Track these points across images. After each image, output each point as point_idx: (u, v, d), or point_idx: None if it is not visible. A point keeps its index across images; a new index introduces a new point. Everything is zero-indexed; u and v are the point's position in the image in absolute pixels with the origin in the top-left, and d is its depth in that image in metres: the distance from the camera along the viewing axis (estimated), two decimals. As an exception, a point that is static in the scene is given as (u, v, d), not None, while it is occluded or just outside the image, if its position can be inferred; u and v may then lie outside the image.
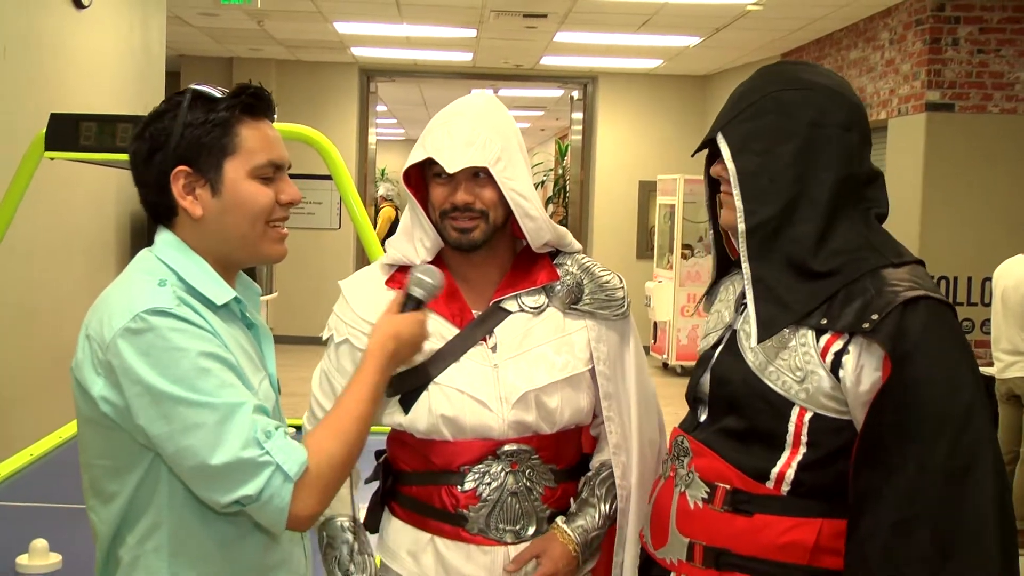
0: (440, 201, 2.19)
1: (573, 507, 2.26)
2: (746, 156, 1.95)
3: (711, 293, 2.23)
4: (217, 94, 1.84)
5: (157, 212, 1.87)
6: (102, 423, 1.74)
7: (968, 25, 8.01)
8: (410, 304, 2.05)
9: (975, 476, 1.76)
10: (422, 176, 2.26)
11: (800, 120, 1.94)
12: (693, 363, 2.19)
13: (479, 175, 2.17)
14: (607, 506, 2.25)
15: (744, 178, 1.95)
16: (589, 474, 2.30)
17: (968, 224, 7.92)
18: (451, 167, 2.13)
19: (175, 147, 1.80)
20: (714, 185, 2.13)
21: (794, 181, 1.93)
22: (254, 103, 1.85)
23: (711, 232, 2.19)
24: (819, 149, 1.93)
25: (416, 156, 2.20)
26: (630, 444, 2.28)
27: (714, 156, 2.07)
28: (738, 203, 1.95)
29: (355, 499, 2.29)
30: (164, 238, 1.86)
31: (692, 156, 2.13)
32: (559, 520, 2.23)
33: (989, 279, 6.78)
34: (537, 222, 2.21)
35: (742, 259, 1.96)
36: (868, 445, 1.81)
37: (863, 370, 1.84)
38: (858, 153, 1.97)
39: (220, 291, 1.82)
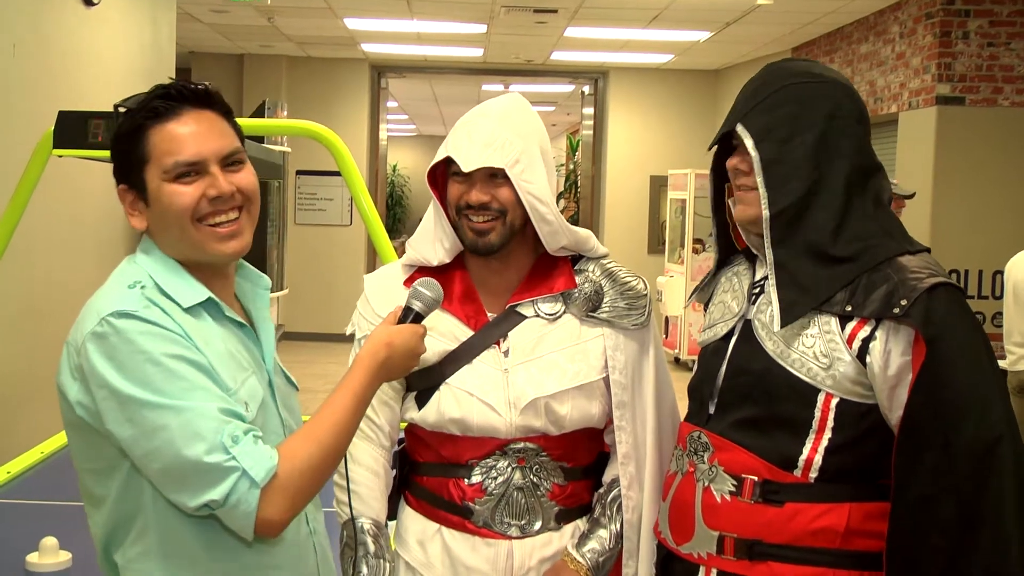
0: (455, 199, 2.20)
1: (585, 527, 2.27)
2: (768, 145, 2.01)
3: (707, 286, 2.26)
4: (132, 103, 1.84)
5: None
6: (81, 427, 1.75)
7: (978, 18, 7.98)
8: (409, 316, 2.03)
9: (997, 453, 1.83)
10: (446, 177, 2.26)
11: (818, 111, 2.01)
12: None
13: (496, 176, 2.17)
14: (618, 525, 2.25)
15: (767, 166, 2.00)
16: (601, 491, 2.30)
17: (979, 217, 7.89)
18: (466, 166, 2.14)
19: (115, 166, 1.84)
20: (719, 180, 2.18)
21: (813, 170, 1.99)
22: (158, 106, 1.80)
23: (714, 224, 2.23)
24: (835, 140, 2.00)
25: (438, 155, 2.22)
26: (641, 454, 2.27)
27: (725, 151, 2.12)
28: (762, 190, 2.00)
29: (385, 500, 2.28)
30: (143, 244, 1.87)
31: (709, 149, 2.15)
32: (568, 545, 2.23)
33: (1000, 272, 6.76)
34: (553, 226, 2.21)
35: (765, 246, 2.00)
36: (905, 427, 1.87)
37: (890, 355, 1.90)
38: (866, 145, 2.05)
39: (189, 292, 1.80)
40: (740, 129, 2.03)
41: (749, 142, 2.01)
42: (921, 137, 8.16)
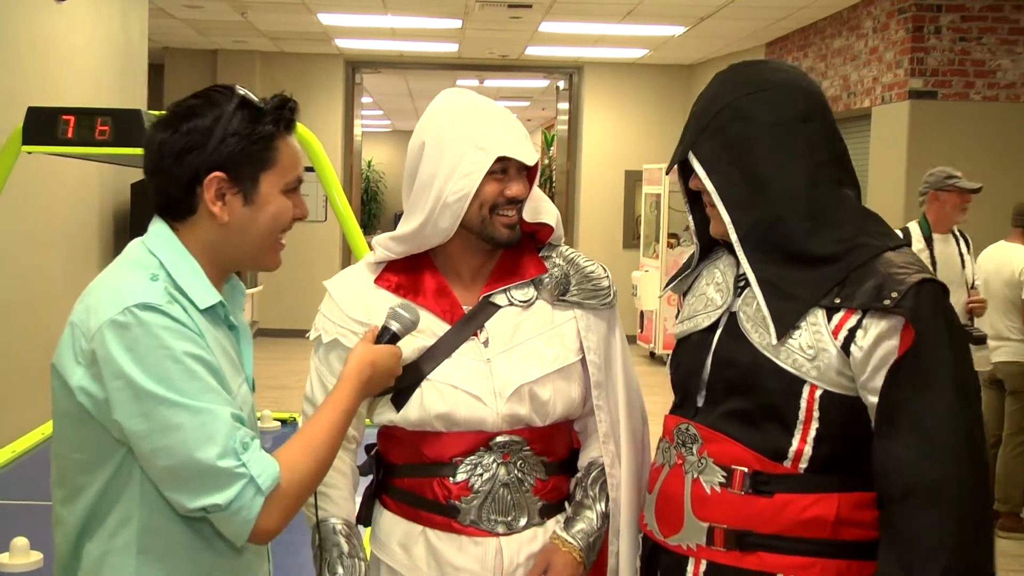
0: (494, 195, 2.18)
1: (569, 511, 2.28)
2: (720, 170, 2.03)
3: (684, 276, 2.27)
4: (261, 104, 1.84)
5: (172, 207, 1.84)
6: (77, 415, 1.73)
7: (950, 13, 8.02)
8: (386, 336, 2.05)
9: (971, 443, 1.86)
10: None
11: (760, 123, 2.02)
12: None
13: (524, 169, 2.21)
14: (602, 504, 2.27)
15: (723, 191, 2.02)
16: (579, 475, 2.31)
17: (952, 212, 7.93)
18: (530, 159, 2.18)
19: (214, 152, 1.79)
20: (688, 182, 2.19)
21: (770, 181, 2.00)
22: (292, 119, 1.88)
23: (691, 220, 2.23)
24: (784, 145, 2.01)
25: (483, 160, 2.15)
26: (619, 433, 2.29)
27: (688, 168, 2.13)
28: (725, 216, 2.02)
29: (353, 500, 2.29)
30: (158, 230, 1.84)
31: (667, 174, 2.18)
32: (557, 529, 2.24)
33: (973, 266, 6.80)
34: (556, 217, 2.31)
35: (743, 264, 2.02)
36: (881, 411, 1.89)
37: (879, 338, 1.90)
38: (822, 139, 2.05)
39: (205, 294, 1.81)
40: (691, 158, 2.06)
41: (701, 172, 2.04)
42: (894, 131, 8.20)
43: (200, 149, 1.79)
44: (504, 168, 2.17)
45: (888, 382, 1.88)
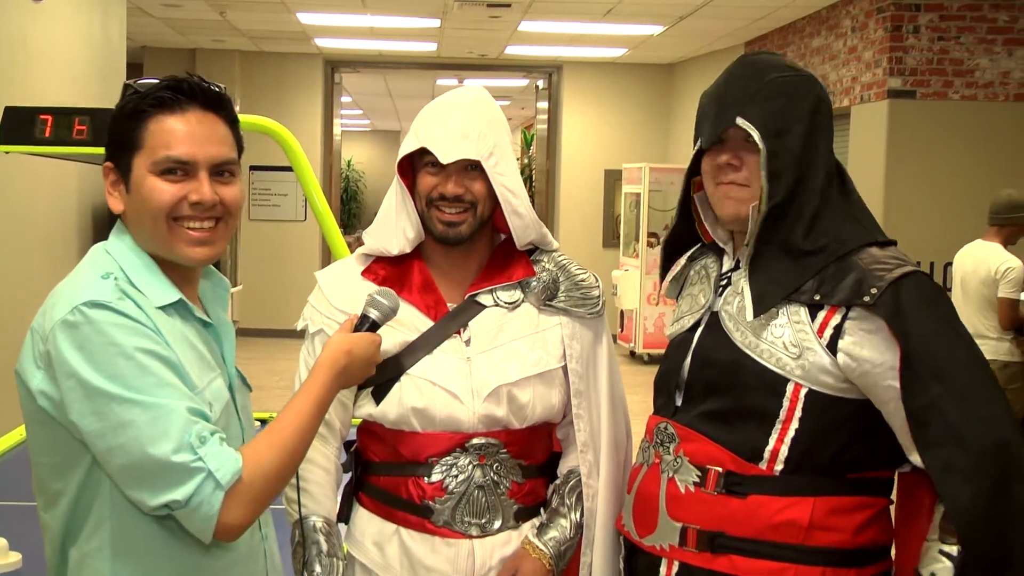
0: (428, 190, 2.18)
1: (544, 517, 2.26)
2: (769, 138, 1.98)
3: (676, 278, 2.26)
4: (142, 87, 1.79)
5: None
6: (42, 419, 1.71)
7: (929, 12, 8.06)
8: (365, 324, 2.01)
9: (994, 409, 1.84)
10: (410, 166, 2.25)
11: (804, 105, 2.01)
12: (660, 351, 2.21)
13: (470, 168, 2.17)
14: (577, 514, 2.25)
15: (770, 159, 1.97)
16: (558, 482, 2.30)
17: (930, 210, 7.98)
18: (445, 158, 2.14)
19: (108, 143, 1.80)
20: (693, 175, 2.14)
21: (798, 164, 1.98)
22: (165, 96, 1.77)
23: (678, 217, 2.21)
24: (818, 134, 2.01)
25: (409, 146, 2.20)
26: (598, 443, 2.28)
27: (701, 152, 2.08)
28: (765, 184, 1.96)
29: (335, 498, 2.27)
30: (115, 231, 1.83)
31: (709, 145, 2.05)
32: (529, 535, 2.23)
33: (951, 264, 6.84)
34: (525, 219, 2.23)
35: (750, 240, 1.99)
36: (914, 421, 1.85)
37: (874, 338, 1.88)
38: (832, 141, 2.06)
39: (160, 291, 1.77)
40: (743, 123, 1.98)
41: (756, 135, 1.96)
42: (873, 130, 8.23)
43: (108, 142, 1.82)
44: (443, 164, 2.16)
45: (904, 389, 1.85)
